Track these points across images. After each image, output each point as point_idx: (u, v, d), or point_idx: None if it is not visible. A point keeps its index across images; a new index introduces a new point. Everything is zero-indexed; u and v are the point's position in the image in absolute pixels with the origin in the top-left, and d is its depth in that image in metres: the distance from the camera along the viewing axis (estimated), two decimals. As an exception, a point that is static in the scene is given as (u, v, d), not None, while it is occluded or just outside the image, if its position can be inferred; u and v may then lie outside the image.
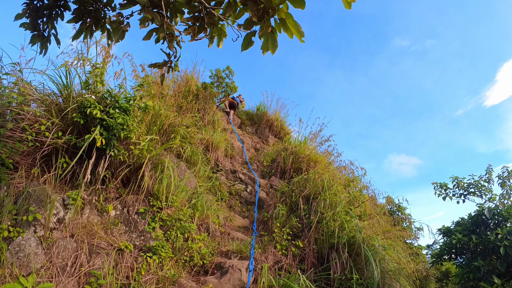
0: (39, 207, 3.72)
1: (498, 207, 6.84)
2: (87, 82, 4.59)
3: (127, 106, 4.58)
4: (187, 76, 10.41)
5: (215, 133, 8.83)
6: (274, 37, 2.24)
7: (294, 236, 5.79)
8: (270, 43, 2.25)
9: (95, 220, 4.32)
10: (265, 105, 13.01)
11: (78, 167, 4.34)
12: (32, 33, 2.92)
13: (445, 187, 8.67)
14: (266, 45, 2.26)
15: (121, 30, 2.59)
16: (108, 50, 5.22)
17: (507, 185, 8.79)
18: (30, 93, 4.45)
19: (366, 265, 5.05)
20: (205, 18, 2.26)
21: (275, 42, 2.26)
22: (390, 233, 7.23)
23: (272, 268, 5.07)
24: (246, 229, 6.27)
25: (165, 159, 5.19)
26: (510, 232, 6.05)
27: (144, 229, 4.63)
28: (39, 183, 3.93)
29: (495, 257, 6.33)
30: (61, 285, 3.42)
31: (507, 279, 5.81)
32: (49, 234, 3.72)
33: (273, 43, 2.25)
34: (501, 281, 5.71)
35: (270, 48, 2.27)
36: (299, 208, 6.25)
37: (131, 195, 4.81)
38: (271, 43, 2.25)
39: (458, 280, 6.76)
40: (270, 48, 2.27)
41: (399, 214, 10.85)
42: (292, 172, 8.24)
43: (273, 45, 2.26)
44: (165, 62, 2.57)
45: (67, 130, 4.33)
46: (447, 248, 7.23)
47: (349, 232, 5.37)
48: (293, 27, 2.19)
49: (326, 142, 10.08)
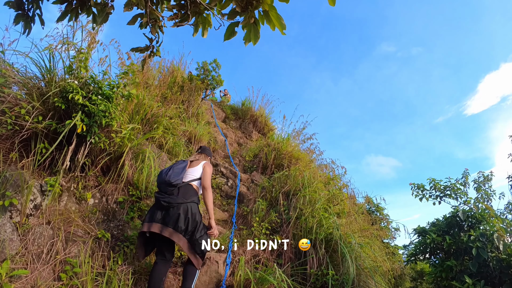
0: (16, 192, 3.65)
1: (472, 210, 7.04)
2: (70, 67, 4.51)
3: (110, 94, 4.53)
4: (174, 67, 10.34)
5: (199, 126, 8.81)
6: (257, 28, 2.27)
7: (272, 231, 5.84)
8: (252, 34, 2.28)
9: (72, 207, 4.27)
10: (251, 101, 13.05)
11: (57, 153, 4.28)
12: (16, 12, 2.86)
13: (422, 188, 8.87)
14: (249, 36, 2.29)
15: (105, 12, 2.56)
16: (94, 36, 5.15)
17: (482, 189, 9.07)
18: (12, 75, 4.36)
19: (342, 261, 5.13)
20: (191, 6, 2.27)
21: (258, 33, 2.29)
22: (367, 231, 7.35)
23: (250, 262, 5.12)
24: (225, 222, 6.30)
25: (146, 149, 5.16)
26: (482, 234, 6.24)
27: (122, 219, 4.60)
28: (17, 168, 3.85)
29: (467, 258, 6.53)
30: (36, 272, 3.37)
31: (478, 279, 6.00)
32: (25, 220, 3.65)
33: (256, 34, 2.28)
34: (472, 281, 5.90)
35: (252, 39, 2.29)
36: (279, 204, 6.30)
37: (110, 184, 4.77)
38: (254, 34, 2.28)
39: (432, 279, 6.95)
40: (252, 39, 2.29)
41: (377, 214, 11.05)
42: (274, 168, 8.30)
43: (255, 36, 2.28)
44: (147, 47, 2.57)
45: (47, 114, 4.26)
46: (422, 247, 7.42)
47: (327, 229, 5.45)
48: (276, 19, 2.21)
49: (308, 140, 10.17)
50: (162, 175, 3.90)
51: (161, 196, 3.74)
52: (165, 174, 3.89)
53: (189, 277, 3.70)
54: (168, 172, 3.90)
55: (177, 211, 3.64)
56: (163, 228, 3.59)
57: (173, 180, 3.81)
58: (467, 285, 5.89)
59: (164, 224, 3.60)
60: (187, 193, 3.85)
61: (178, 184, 3.84)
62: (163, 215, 3.64)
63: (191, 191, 3.92)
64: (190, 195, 3.84)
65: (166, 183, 3.81)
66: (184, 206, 3.70)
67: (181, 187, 3.87)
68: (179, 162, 4.14)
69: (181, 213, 3.64)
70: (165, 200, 3.67)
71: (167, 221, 3.61)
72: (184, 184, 3.91)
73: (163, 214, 3.64)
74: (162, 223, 3.61)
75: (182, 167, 4.02)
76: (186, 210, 3.70)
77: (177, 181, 3.83)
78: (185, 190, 3.87)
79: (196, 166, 4.20)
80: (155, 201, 3.80)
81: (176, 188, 3.81)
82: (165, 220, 3.62)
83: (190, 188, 3.94)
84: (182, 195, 3.78)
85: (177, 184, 3.82)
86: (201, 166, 4.21)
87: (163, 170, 4.00)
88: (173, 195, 3.75)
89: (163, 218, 3.63)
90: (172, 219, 3.60)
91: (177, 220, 3.61)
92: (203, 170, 4.16)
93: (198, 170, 4.16)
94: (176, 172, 3.91)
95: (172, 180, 3.80)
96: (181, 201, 3.71)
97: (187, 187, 3.92)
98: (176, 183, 3.81)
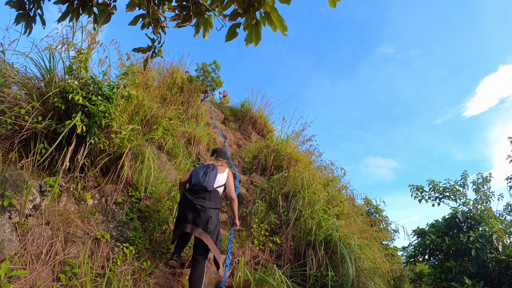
0: (15, 193, 3.64)
1: (471, 211, 7.05)
2: (70, 67, 4.51)
3: (110, 94, 4.53)
4: (173, 68, 10.33)
5: (198, 127, 8.81)
6: (258, 29, 2.27)
7: (272, 232, 5.85)
8: (254, 35, 2.28)
9: (72, 208, 4.27)
10: (250, 102, 13.02)
11: (56, 154, 4.28)
12: (17, 11, 2.86)
13: (421, 190, 8.87)
14: (250, 37, 2.29)
15: (107, 12, 2.56)
16: (94, 36, 5.14)
17: (481, 191, 9.08)
18: (12, 75, 4.35)
19: (341, 263, 5.14)
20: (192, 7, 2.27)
21: (259, 34, 2.29)
22: (366, 233, 7.36)
23: (249, 263, 5.12)
24: (225, 223, 6.29)
25: (146, 150, 5.15)
26: (481, 235, 6.25)
27: (121, 220, 4.59)
28: (16, 168, 3.84)
29: (467, 259, 6.53)
30: (35, 272, 3.36)
31: (477, 280, 6.01)
32: (24, 220, 3.65)
33: (257, 35, 2.29)
34: (472, 282, 5.90)
35: (253, 40, 2.30)
36: (278, 205, 6.31)
37: (109, 185, 4.76)
38: (255, 36, 2.28)
39: (431, 280, 6.94)
40: (254, 40, 2.30)
41: (376, 216, 11.06)
42: (273, 169, 8.30)
43: (256, 37, 2.29)
44: (149, 47, 2.57)
45: (47, 115, 4.25)
46: (421, 248, 7.42)
47: (326, 230, 5.46)
48: (277, 21, 2.22)
49: (308, 141, 10.16)
50: (200, 179, 4.26)
51: (194, 198, 4.12)
52: (202, 178, 4.27)
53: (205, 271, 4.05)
54: (205, 178, 4.27)
55: (208, 215, 4.07)
56: (194, 229, 4.01)
57: (209, 186, 4.20)
58: (467, 286, 5.89)
59: (195, 224, 4.02)
60: (216, 199, 4.26)
61: (209, 188, 4.21)
62: (194, 217, 4.06)
63: (219, 198, 4.33)
64: (218, 202, 4.28)
65: (203, 187, 4.19)
66: (214, 212, 4.15)
67: (211, 192, 4.24)
68: (210, 167, 4.49)
69: (211, 217, 4.08)
70: (200, 204, 4.06)
71: (197, 222, 4.02)
72: (213, 190, 4.28)
73: (194, 216, 4.06)
74: (193, 223, 4.04)
75: (215, 174, 4.39)
76: (216, 216, 4.16)
77: (211, 187, 4.22)
78: (214, 196, 4.26)
79: (222, 173, 4.53)
80: (186, 202, 4.16)
81: (208, 193, 4.21)
82: (196, 221, 4.03)
83: (218, 195, 4.34)
84: (213, 200, 4.20)
85: (210, 190, 4.22)
86: (225, 175, 4.56)
87: (199, 171, 4.39)
88: (205, 199, 4.14)
89: (193, 219, 4.05)
90: (203, 221, 4.03)
91: (207, 222, 4.03)
92: (227, 179, 4.54)
93: (223, 177, 4.51)
94: (211, 179, 4.29)
95: (208, 186, 4.19)
96: (212, 206, 4.14)
97: (216, 194, 4.30)
98: (210, 189, 4.21)
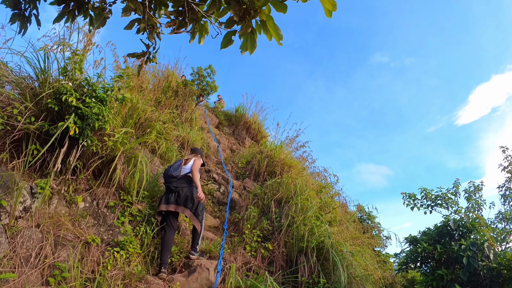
0: (5, 194, 3.59)
1: (463, 219, 7.08)
2: (65, 68, 4.48)
3: (104, 96, 4.51)
4: (168, 71, 10.30)
5: (192, 131, 8.80)
6: (254, 37, 2.27)
7: (264, 238, 5.83)
8: (249, 43, 2.28)
9: (62, 211, 4.23)
10: (244, 107, 13.06)
11: (48, 155, 4.23)
12: (12, 11, 2.84)
13: (414, 198, 8.89)
14: (245, 45, 2.29)
15: (103, 16, 2.55)
16: (90, 38, 5.11)
17: (472, 199, 9.14)
18: (5, 74, 4.32)
19: (333, 269, 5.13)
20: (188, 14, 2.27)
21: (254, 42, 2.29)
22: (359, 240, 7.36)
23: (241, 269, 5.09)
24: (217, 229, 6.27)
25: (138, 154, 5.13)
26: (473, 243, 6.27)
27: (113, 223, 4.56)
28: (7, 169, 3.80)
29: (458, 267, 6.55)
30: (23, 276, 3.32)
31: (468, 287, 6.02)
32: (14, 222, 3.60)
33: (252, 43, 2.29)
34: (463, 290, 5.91)
35: (248, 48, 2.30)
36: (270, 211, 6.29)
37: (101, 188, 4.73)
38: (250, 43, 2.28)
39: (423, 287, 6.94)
40: (249, 48, 2.30)
41: (368, 222, 11.06)
42: (266, 175, 8.28)
43: (251, 45, 2.29)
44: (143, 53, 2.55)
45: (40, 116, 4.21)
46: (413, 256, 7.43)
47: (319, 237, 5.45)
48: (273, 29, 2.22)
49: (301, 147, 10.19)
50: (167, 171, 5.09)
51: (170, 183, 4.95)
52: (168, 170, 5.08)
53: (195, 238, 5.07)
54: (170, 169, 5.08)
55: (185, 193, 4.91)
56: (177, 207, 4.83)
57: (174, 173, 4.99)
58: (458, 294, 5.91)
59: (177, 204, 4.84)
60: (188, 180, 5.06)
61: (178, 176, 5.01)
62: (175, 197, 4.87)
63: (189, 179, 5.09)
64: (190, 182, 5.06)
65: (170, 176, 4.99)
66: (190, 189, 4.98)
67: (181, 177, 5.04)
68: (176, 161, 5.29)
69: (188, 195, 4.92)
70: (173, 185, 4.92)
71: (179, 202, 4.85)
72: (182, 175, 5.07)
73: (175, 196, 4.87)
74: (175, 203, 4.84)
75: (179, 164, 5.17)
76: (192, 193, 4.96)
77: (177, 174, 5.01)
78: (185, 179, 5.07)
79: (189, 163, 5.27)
80: (166, 189, 5.02)
81: (177, 178, 5.00)
82: (177, 201, 4.85)
83: (188, 177, 5.11)
84: (185, 181, 5.02)
85: (177, 176, 5.00)
86: (192, 161, 5.28)
87: (167, 168, 5.18)
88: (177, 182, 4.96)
89: (175, 200, 4.86)
90: (183, 200, 4.87)
91: (185, 200, 4.89)
92: (193, 162, 5.26)
93: (190, 164, 5.23)
94: (174, 168, 5.09)
95: (174, 174, 4.99)
96: (186, 185, 4.98)
97: (186, 177, 5.09)
98: (176, 175, 4.99)
